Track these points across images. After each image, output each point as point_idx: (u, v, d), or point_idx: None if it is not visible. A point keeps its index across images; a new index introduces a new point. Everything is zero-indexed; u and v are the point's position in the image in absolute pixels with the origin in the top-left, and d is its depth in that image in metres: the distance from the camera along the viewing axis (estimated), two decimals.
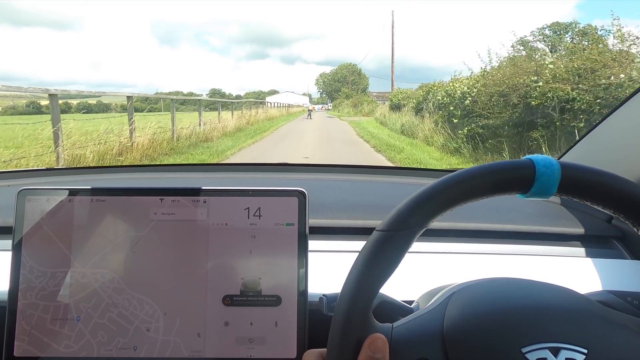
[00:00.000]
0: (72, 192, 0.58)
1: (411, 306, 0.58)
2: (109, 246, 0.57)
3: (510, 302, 0.46)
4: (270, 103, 38.99)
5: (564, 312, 0.44)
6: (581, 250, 0.84)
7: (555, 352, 0.40)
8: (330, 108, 75.66)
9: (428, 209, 0.42)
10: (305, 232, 0.57)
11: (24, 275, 0.56)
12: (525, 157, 0.43)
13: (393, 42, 32.43)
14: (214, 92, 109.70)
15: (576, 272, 0.78)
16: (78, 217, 0.58)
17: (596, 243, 0.86)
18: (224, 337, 0.56)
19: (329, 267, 0.68)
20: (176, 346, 0.56)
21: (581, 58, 7.65)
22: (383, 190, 1.15)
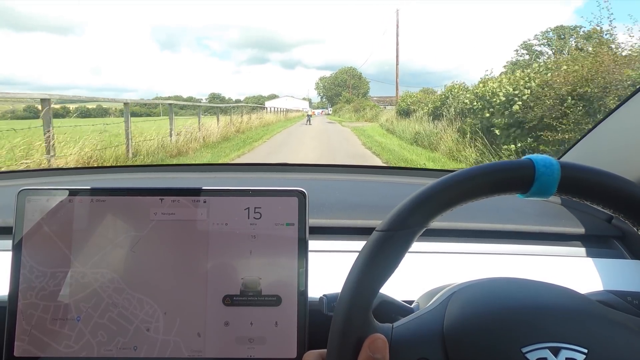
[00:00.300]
0: (72, 192, 0.58)
1: (411, 306, 0.58)
2: (109, 246, 0.57)
3: (510, 302, 0.46)
4: (268, 108, 36.99)
5: (564, 312, 0.44)
6: (581, 250, 0.84)
7: (555, 352, 0.40)
8: (330, 112, 74.46)
9: (428, 209, 0.42)
10: (305, 232, 0.57)
11: (24, 275, 0.56)
12: (524, 157, 0.43)
13: (398, 43, 29.40)
14: (214, 97, 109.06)
15: (576, 272, 0.78)
16: (78, 217, 0.58)
17: (596, 243, 0.86)
18: (224, 337, 0.56)
19: (329, 267, 0.68)
20: (176, 346, 0.56)
21: None
22: (383, 190, 1.15)
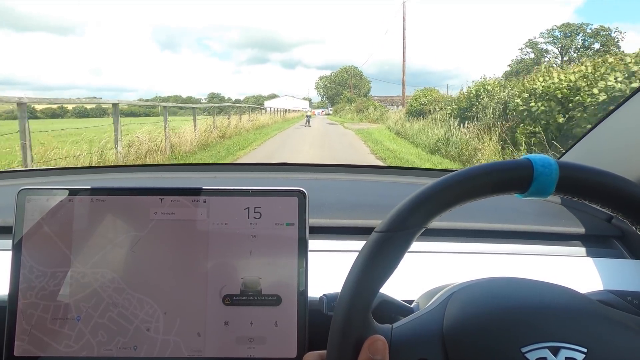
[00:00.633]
0: (72, 192, 0.58)
1: (411, 306, 0.58)
2: (109, 246, 0.57)
3: (510, 302, 0.46)
4: (266, 108, 34.77)
5: (564, 312, 0.44)
6: (581, 249, 0.84)
7: (555, 352, 0.40)
8: (330, 112, 72.58)
9: (427, 210, 0.42)
10: (305, 232, 0.57)
11: (24, 275, 0.56)
12: (523, 157, 0.43)
13: (404, 37, 27.51)
14: (213, 97, 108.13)
15: (576, 272, 0.78)
16: (78, 217, 0.58)
17: (596, 242, 0.87)
18: (224, 337, 0.56)
19: (329, 267, 0.68)
20: (176, 346, 0.56)
21: None
22: (383, 190, 1.15)
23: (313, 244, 0.64)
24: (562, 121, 6.20)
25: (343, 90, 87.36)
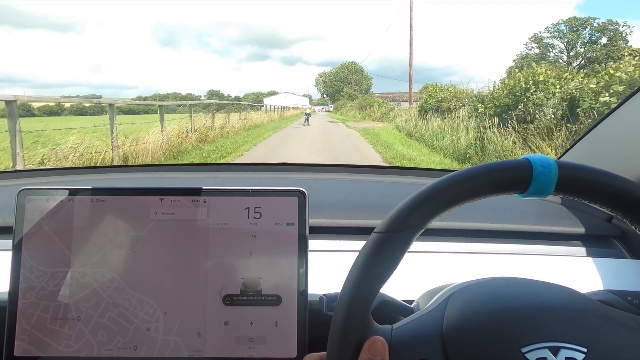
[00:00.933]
0: (72, 192, 0.58)
1: (411, 306, 0.58)
2: (109, 246, 0.57)
3: (510, 302, 0.46)
4: (265, 105, 32.91)
5: (564, 312, 0.44)
6: (581, 249, 0.84)
7: (555, 352, 0.40)
8: (331, 109, 69.65)
9: (426, 210, 0.42)
10: (305, 232, 0.57)
11: (24, 275, 0.56)
12: (522, 157, 0.43)
13: (411, 28, 24.66)
14: (212, 94, 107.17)
15: (576, 272, 0.78)
16: (78, 217, 0.58)
17: (596, 242, 0.87)
18: (224, 337, 0.56)
19: (329, 267, 0.68)
20: (176, 346, 0.56)
21: None
22: (383, 190, 1.15)
23: (313, 244, 0.64)
24: None
25: (344, 86, 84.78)
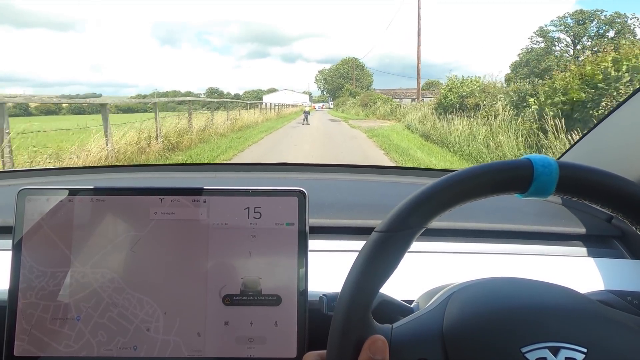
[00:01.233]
0: (72, 192, 0.58)
1: (411, 306, 0.58)
2: (109, 246, 0.57)
3: (510, 302, 0.46)
4: (264, 104, 31.61)
5: (564, 312, 0.44)
6: (581, 249, 0.84)
7: (554, 352, 0.40)
8: (331, 107, 67.43)
9: (427, 210, 0.42)
10: (305, 232, 0.57)
11: (24, 274, 0.56)
12: (523, 157, 0.43)
13: (419, 18, 22.86)
14: (212, 92, 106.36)
15: (576, 272, 0.78)
16: (78, 217, 0.58)
17: (596, 243, 0.87)
18: (224, 337, 0.56)
19: (329, 267, 0.68)
20: (176, 346, 0.56)
21: None
22: (383, 190, 1.15)
23: (313, 244, 0.64)
24: None
25: (345, 83, 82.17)
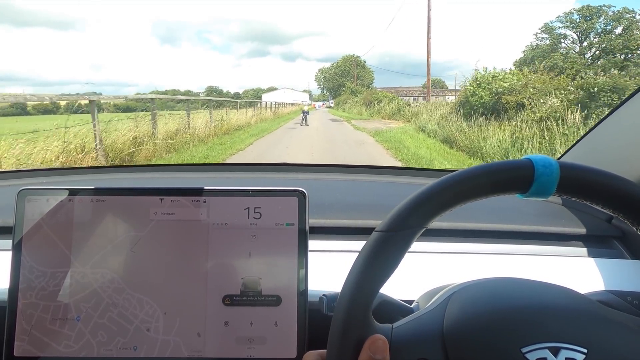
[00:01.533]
0: (72, 192, 0.58)
1: (411, 306, 0.58)
2: (109, 246, 0.57)
3: (510, 302, 0.46)
4: (264, 102, 30.94)
5: (564, 312, 0.44)
6: (581, 250, 0.84)
7: (555, 352, 0.40)
8: (332, 105, 65.70)
9: (427, 209, 0.42)
10: (305, 232, 0.57)
11: (24, 275, 0.56)
12: (524, 157, 0.43)
13: (429, 9, 21.63)
14: (211, 90, 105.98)
15: (576, 272, 0.78)
16: (78, 217, 0.58)
17: (596, 243, 0.87)
18: (224, 337, 0.56)
19: (329, 267, 0.68)
20: (176, 346, 0.56)
21: None
22: (383, 190, 1.15)
23: (313, 244, 0.64)
24: None
25: (345, 81, 79.40)
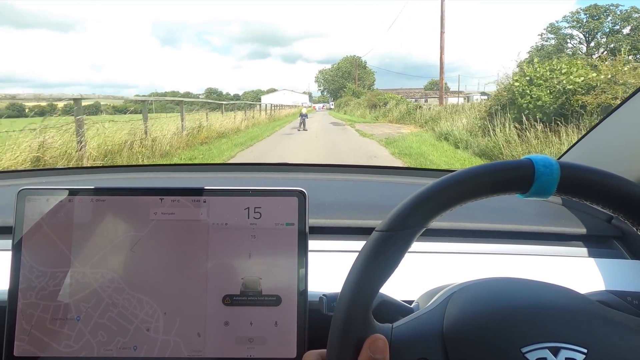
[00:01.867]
0: (72, 192, 0.58)
1: (411, 306, 0.58)
2: (109, 246, 0.57)
3: (510, 302, 0.46)
4: (264, 104, 30.39)
5: (564, 312, 0.44)
6: (581, 250, 0.84)
7: (555, 352, 0.40)
8: (332, 107, 64.37)
9: (428, 209, 0.42)
10: (305, 232, 0.57)
11: (24, 275, 0.56)
12: (524, 157, 0.43)
13: (442, 4, 20.59)
14: (211, 92, 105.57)
15: (576, 272, 0.78)
16: (78, 217, 0.58)
17: (596, 243, 0.87)
18: (224, 337, 0.56)
19: (329, 267, 0.68)
20: (176, 346, 0.56)
21: None
22: (383, 190, 1.15)
23: (313, 244, 0.64)
24: None
25: (346, 82, 78.23)
